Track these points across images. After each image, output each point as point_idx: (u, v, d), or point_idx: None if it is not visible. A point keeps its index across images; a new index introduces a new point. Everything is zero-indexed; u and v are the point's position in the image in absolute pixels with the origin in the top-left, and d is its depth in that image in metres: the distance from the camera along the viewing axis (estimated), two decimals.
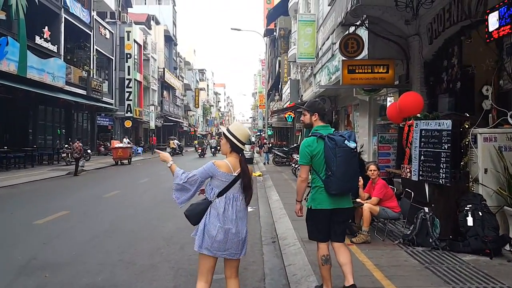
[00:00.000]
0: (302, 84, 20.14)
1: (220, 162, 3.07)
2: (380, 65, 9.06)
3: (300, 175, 3.54)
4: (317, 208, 3.45)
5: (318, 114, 3.54)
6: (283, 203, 8.96)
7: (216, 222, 2.95)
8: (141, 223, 7.05)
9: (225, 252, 2.99)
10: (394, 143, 9.29)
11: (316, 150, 3.37)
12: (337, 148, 3.28)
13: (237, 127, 3.18)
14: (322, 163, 3.37)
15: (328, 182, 3.33)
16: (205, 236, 2.96)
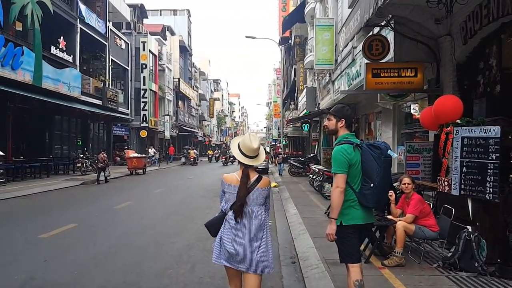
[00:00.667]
0: (319, 92, 19.57)
1: (228, 175, 3.05)
2: (408, 68, 8.46)
3: (338, 185, 3.06)
4: (348, 224, 3.10)
5: (345, 121, 3.24)
6: (301, 217, 8.37)
7: (229, 235, 2.94)
8: (150, 239, 6.55)
9: (243, 265, 2.92)
10: (424, 152, 8.63)
11: (354, 159, 3.08)
12: (383, 158, 3.04)
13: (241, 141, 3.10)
14: (358, 174, 3.10)
15: (366, 195, 3.05)
16: (222, 248, 2.97)
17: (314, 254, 5.60)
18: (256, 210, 2.99)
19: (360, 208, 3.08)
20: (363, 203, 3.06)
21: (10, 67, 14.22)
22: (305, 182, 15.66)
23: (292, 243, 6.58)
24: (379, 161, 3.02)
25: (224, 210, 3.03)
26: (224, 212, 3.03)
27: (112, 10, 26.46)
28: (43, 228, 7.13)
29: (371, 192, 3.02)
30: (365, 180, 3.06)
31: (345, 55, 13.91)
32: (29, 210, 9.50)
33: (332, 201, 3.11)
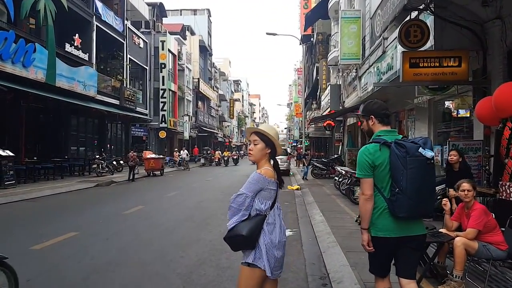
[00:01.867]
0: (344, 89, 18.45)
1: (267, 171, 2.68)
2: (450, 57, 7.42)
3: (364, 192, 2.68)
4: (378, 236, 2.68)
5: (374, 116, 2.83)
6: (330, 226, 7.37)
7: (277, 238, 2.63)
8: (156, 252, 5.70)
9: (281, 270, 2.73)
10: (470, 153, 7.55)
11: (380, 160, 2.63)
12: (409, 158, 2.54)
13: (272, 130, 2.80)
14: (386, 177, 2.64)
15: (395, 202, 2.58)
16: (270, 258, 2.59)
17: (349, 274, 4.62)
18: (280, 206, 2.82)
19: (391, 217, 2.62)
20: (392, 212, 2.62)
21: (22, 64, 13.76)
22: (330, 185, 14.60)
23: (321, 258, 5.60)
24: (404, 161, 2.55)
25: (264, 212, 2.64)
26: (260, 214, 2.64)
27: (130, 9, 26.07)
28: (38, 237, 6.38)
29: (397, 198, 2.57)
30: (392, 184, 2.63)
31: (374, 48, 12.83)
32: (31, 216, 8.83)
33: (359, 208, 2.74)
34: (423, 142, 2.64)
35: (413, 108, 12.13)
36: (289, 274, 4.88)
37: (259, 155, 2.73)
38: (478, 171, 7.50)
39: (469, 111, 10.06)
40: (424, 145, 2.62)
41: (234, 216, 2.64)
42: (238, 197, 2.63)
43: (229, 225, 2.64)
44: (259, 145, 2.72)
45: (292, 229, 7.58)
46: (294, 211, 9.89)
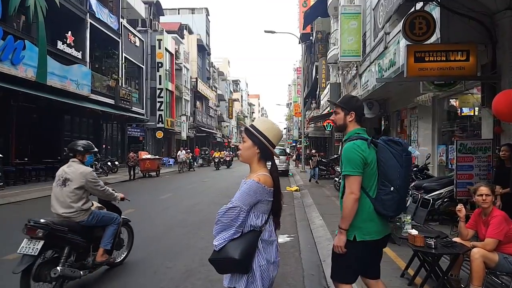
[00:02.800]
0: (343, 87, 18.00)
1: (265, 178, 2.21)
2: (458, 51, 6.95)
3: (353, 191, 2.50)
4: (364, 240, 2.54)
5: (355, 114, 2.72)
6: (330, 231, 6.89)
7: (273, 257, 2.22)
8: (141, 262, 5.23)
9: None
10: (478, 152, 7.09)
11: (370, 158, 2.53)
12: (405, 156, 2.51)
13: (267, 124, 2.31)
14: (373, 176, 2.55)
15: (385, 201, 2.50)
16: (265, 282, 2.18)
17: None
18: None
19: (377, 218, 2.54)
20: (380, 211, 2.52)
21: (10, 62, 13.26)
22: (329, 186, 14.15)
23: (321, 268, 5.14)
24: (401, 159, 2.48)
25: (259, 228, 2.19)
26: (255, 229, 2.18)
27: (126, 6, 25.59)
28: (15, 245, 5.88)
29: (391, 197, 2.48)
30: (382, 183, 2.53)
31: (375, 44, 12.38)
32: (12, 221, 8.33)
33: (344, 208, 2.53)
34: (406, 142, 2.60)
35: (415, 107, 11.68)
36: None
37: (246, 154, 2.29)
38: (488, 172, 7.04)
39: (472, 109, 9.65)
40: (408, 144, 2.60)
41: (222, 232, 2.17)
42: (230, 211, 2.14)
43: (216, 245, 2.15)
44: (246, 143, 2.30)
45: (290, 234, 7.11)
46: (292, 214, 9.42)
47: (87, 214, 4.29)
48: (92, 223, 4.32)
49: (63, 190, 4.26)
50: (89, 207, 4.34)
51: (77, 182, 4.22)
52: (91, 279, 4.52)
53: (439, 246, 3.75)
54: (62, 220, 4.12)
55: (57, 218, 4.17)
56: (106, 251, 4.41)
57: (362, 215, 2.54)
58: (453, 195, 7.18)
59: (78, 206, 4.20)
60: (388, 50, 10.10)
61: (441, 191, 7.36)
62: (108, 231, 4.45)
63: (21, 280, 3.69)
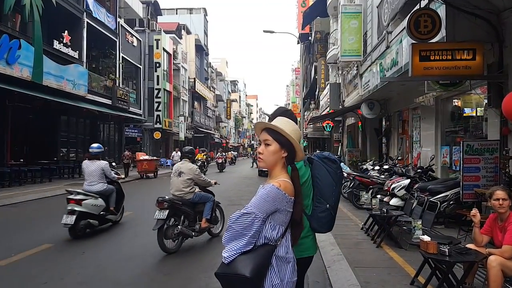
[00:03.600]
0: (343, 88, 17.81)
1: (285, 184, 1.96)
2: (464, 49, 6.79)
3: None
4: (303, 257, 2.42)
5: None
6: (333, 235, 6.69)
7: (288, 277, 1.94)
8: (136, 270, 5.00)
9: None
10: (486, 153, 6.92)
11: (306, 176, 2.45)
12: (339, 173, 2.49)
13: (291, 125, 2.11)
14: (310, 194, 2.47)
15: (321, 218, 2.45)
16: None
17: None
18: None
19: (312, 235, 2.50)
20: (315, 228, 2.48)
21: (5, 61, 13.00)
22: None
23: (326, 275, 4.94)
24: (336, 177, 2.47)
25: (274, 241, 1.95)
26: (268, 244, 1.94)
27: (124, 6, 25.34)
28: (7, 250, 5.68)
29: (326, 214, 2.45)
30: (318, 200, 2.48)
31: (377, 44, 12.21)
32: (5, 224, 8.08)
33: None
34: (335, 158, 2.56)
35: (417, 107, 11.52)
36: None
37: (272, 160, 2.04)
38: (495, 174, 6.87)
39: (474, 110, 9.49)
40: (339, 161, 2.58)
41: (233, 242, 1.93)
42: (244, 217, 1.91)
43: (225, 257, 1.92)
44: (271, 146, 2.04)
45: None
46: None
47: (193, 194, 6.26)
48: (196, 200, 6.31)
49: (178, 179, 6.20)
50: (194, 190, 6.32)
51: (187, 175, 6.19)
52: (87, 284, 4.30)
53: (453, 253, 3.56)
54: (178, 198, 6.07)
55: (174, 197, 6.09)
56: (207, 220, 6.38)
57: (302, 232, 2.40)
58: (459, 198, 7.01)
59: (187, 190, 6.18)
60: (390, 50, 9.93)
61: (447, 194, 7.17)
62: (207, 206, 6.41)
63: (158, 236, 5.64)
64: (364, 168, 12.87)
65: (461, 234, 6.02)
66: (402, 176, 8.37)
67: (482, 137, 8.14)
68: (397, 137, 13.66)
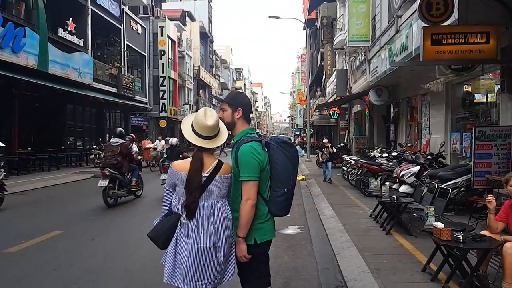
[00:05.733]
0: (351, 74, 17.60)
1: (179, 162, 2.46)
2: (477, 33, 6.62)
3: (250, 197, 2.40)
4: (264, 241, 2.52)
5: (242, 111, 2.59)
6: (342, 222, 6.66)
7: (188, 242, 2.31)
8: (146, 257, 4.99)
9: (204, 281, 2.33)
10: (498, 140, 6.80)
11: (265, 161, 2.48)
12: (296, 157, 2.54)
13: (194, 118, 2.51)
14: (267, 179, 2.51)
15: (279, 202, 2.49)
16: (177, 262, 2.34)
17: (371, 284, 3.91)
18: (220, 204, 2.44)
19: (271, 219, 2.56)
20: (273, 212, 2.53)
21: (11, 49, 12.95)
22: (337, 175, 13.86)
23: (335, 262, 4.90)
24: (293, 161, 2.53)
25: (178, 210, 2.40)
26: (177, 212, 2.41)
27: None
28: (18, 237, 5.71)
29: (284, 198, 2.50)
30: (276, 184, 2.50)
31: (385, 28, 11.98)
32: (16, 212, 8.13)
33: (242, 217, 2.41)
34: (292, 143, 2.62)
35: (427, 93, 11.34)
36: (300, 283, 4.19)
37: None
38: (508, 161, 6.76)
39: (485, 96, 9.31)
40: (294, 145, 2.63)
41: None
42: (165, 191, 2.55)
43: (153, 223, 2.52)
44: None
45: (300, 226, 6.88)
46: (300, 204, 9.19)
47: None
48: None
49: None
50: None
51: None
52: (92, 275, 4.30)
53: (467, 240, 3.49)
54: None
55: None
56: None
57: (260, 217, 2.50)
58: (470, 185, 6.91)
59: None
60: (400, 34, 9.73)
61: (457, 180, 7.08)
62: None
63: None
64: (371, 155, 12.77)
65: (472, 221, 5.94)
66: (412, 163, 8.27)
67: (492, 124, 8.00)
68: (406, 124, 13.51)
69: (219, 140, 2.52)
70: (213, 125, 2.45)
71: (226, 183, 2.48)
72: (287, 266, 4.67)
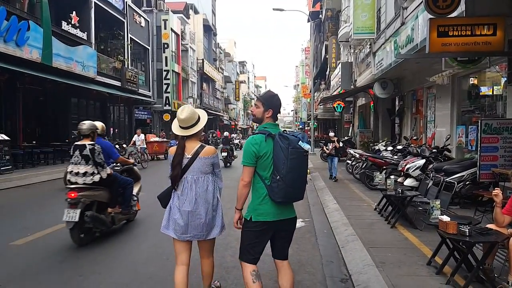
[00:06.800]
0: (355, 67, 17.49)
1: (173, 147, 3.23)
2: (484, 24, 6.55)
3: (243, 178, 2.91)
4: (258, 221, 2.88)
5: (272, 112, 2.99)
6: (346, 216, 6.65)
7: (177, 203, 3.11)
8: (151, 248, 5.02)
9: (188, 235, 3.11)
10: (504, 133, 6.74)
11: (264, 150, 2.84)
12: (290, 149, 2.79)
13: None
14: (268, 166, 2.86)
15: (274, 188, 2.81)
16: (170, 218, 3.15)
17: (376, 277, 3.90)
18: (203, 179, 3.15)
19: (270, 203, 2.87)
20: (271, 197, 2.85)
21: (15, 43, 12.94)
22: (341, 168, 13.81)
23: (340, 255, 4.90)
24: (286, 152, 2.79)
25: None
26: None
27: None
28: (23, 230, 5.75)
29: (277, 185, 2.81)
30: (274, 172, 2.85)
31: (391, 21, 11.86)
32: (21, 205, 8.20)
33: (237, 192, 2.96)
34: (302, 136, 2.89)
35: (432, 86, 11.26)
36: (304, 276, 4.19)
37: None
38: None
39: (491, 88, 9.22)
40: (302, 139, 2.87)
41: None
42: None
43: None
44: None
45: (304, 219, 6.87)
46: (305, 198, 9.14)
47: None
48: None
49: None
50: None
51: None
52: (98, 267, 4.33)
53: (473, 233, 3.47)
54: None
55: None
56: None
57: (258, 199, 2.89)
58: (475, 178, 6.87)
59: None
60: (405, 26, 9.64)
61: (463, 174, 7.04)
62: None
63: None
64: (376, 149, 12.72)
65: (478, 215, 5.91)
66: (417, 156, 8.22)
67: (497, 117, 7.93)
68: (411, 117, 13.44)
69: (194, 129, 3.16)
70: (185, 118, 3.12)
71: (208, 163, 3.16)
72: (291, 259, 4.62)
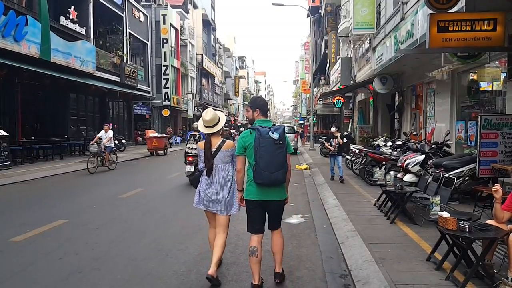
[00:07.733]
0: (355, 62, 17.43)
1: (201, 142, 3.98)
2: (484, 20, 6.53)
3: (237, 165, 3.67)
4: (247, 199, 3.64)
5: (259, 110, 3.71)
6: (346, 212, 6.65)
7: (204, 186, 3.91)
8: (151, 244, 5.02)
9: (215, 208, 3.89)
10: (504, 128, 6.73)
11: (248, 142, 3.54)
12: (261, 139, 3.42)
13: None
14: (252, 154, 3.49)
15: (255, 172, 3.47)
16: (200, 196, 3.96)
17: (375, 273, 3.90)
18: (224, 167, 3.89)
19: (255, 185, 3.53)
20: (254, 180, 3.50)
21: (13, 38, 12.90)
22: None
23: (339, 251, 4.90)
24: (257, 141, 3.41)
25: (201, 168, 3.96)
26: (201, 169, 3.95)
27: None
28: (23, 226, 5.74)
29: (254, 169, 3.46)
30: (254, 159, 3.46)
31: (390, 16, 11.80)
32: (19, 201, 8.18)
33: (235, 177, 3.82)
34: (275, 128, 3.47)
35: (431, 81, 11.23)
36: (304, 272, 4.19)
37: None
38: None
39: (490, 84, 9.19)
40: (276, 130, 3.44)
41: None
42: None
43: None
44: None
45: (304, 215, 6.87)
46: (304, 193, 9.18)
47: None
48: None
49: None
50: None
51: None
52: (97, 263, 4.32)
53: (473, 229, 3.47)
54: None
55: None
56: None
57: (247, 182, 3.61)
58: (475, 174, 6.87)
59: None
60: (405, 21, 9.60)
61: (462, 169, 7.03)
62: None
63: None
64: (375, 144, 12.71)
65: (477, 210, 5.91)
66: (417, 152, 8.21)
67: (497, 112, 7.91)
68: (410, 113, 13.41)
69: (216, 128, 3.88)
70: (209, 119, 3.86)
71: (228, 155, 3.86)
72: (291, 255, 4.67)
